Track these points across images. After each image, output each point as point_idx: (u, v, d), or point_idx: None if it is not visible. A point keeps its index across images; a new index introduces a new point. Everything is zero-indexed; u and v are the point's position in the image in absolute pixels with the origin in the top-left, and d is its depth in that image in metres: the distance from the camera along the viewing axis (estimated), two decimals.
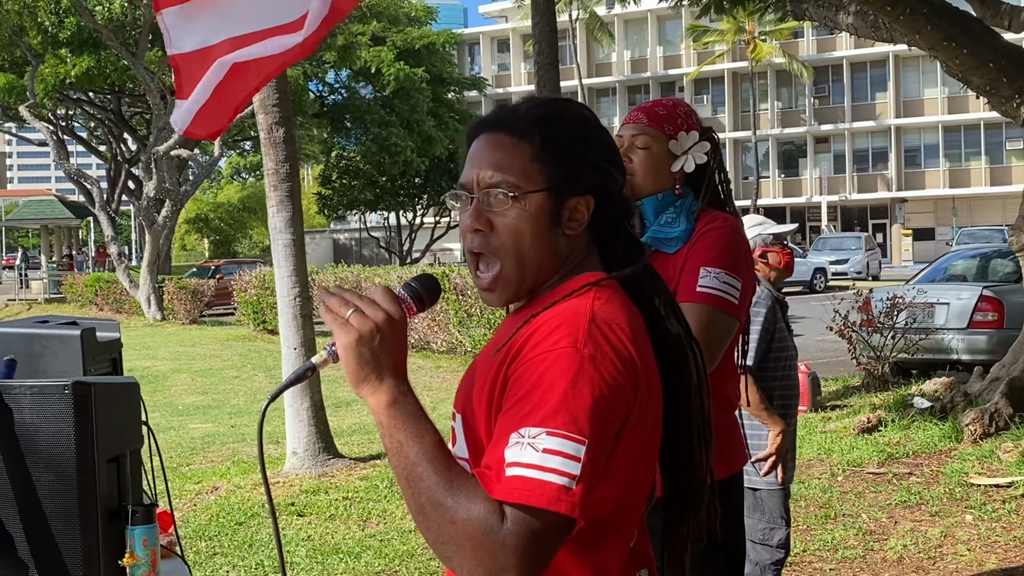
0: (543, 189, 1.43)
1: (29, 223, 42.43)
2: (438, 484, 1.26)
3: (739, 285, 2.34)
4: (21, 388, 2.49)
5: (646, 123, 2.48)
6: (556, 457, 1.24)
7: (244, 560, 5.26)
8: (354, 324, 1.33)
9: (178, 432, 9.29)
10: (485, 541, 1.22)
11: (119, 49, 23.08)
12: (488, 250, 1.45)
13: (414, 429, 1.30)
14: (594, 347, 1.30)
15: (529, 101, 1.49)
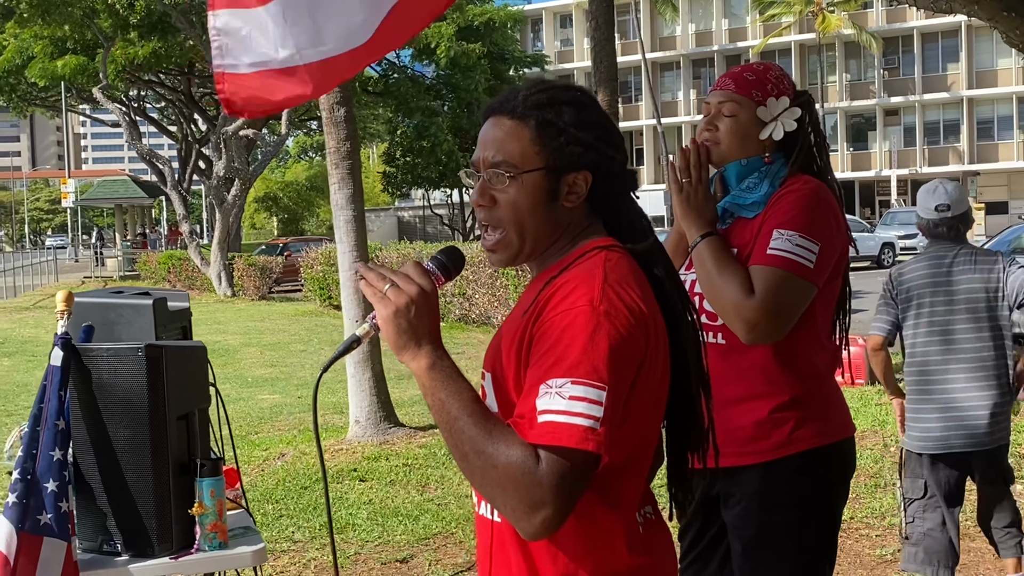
0: (539, 168, 1.57)
1: (104, 203, 43.65)
2: (478, 434, 1.41)
3: (816, 248, 2.26)
4: (99, 350, 2.70)
5: (733, 89, 2.42)
6: (581, 403, 1.39)
7: (308, 522, 5.51)
8: (391, 297, 1.48)
9: (247, 403, 9.63)
10: (524, 481, 1.37)
11: (188, 30, 23.59)
12: (491, 222, 1.62)
13: (453, 387, 1.45)
14: (608, 304, 1.46)
15: (530, 86, 1.63)
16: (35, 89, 32.43)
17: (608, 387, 1.41)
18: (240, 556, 2.75)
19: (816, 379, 2.38)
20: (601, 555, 1.51)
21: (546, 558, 1.52)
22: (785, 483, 2.31)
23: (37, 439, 2.62)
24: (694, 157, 2.42)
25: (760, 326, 2.23)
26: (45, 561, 2.54)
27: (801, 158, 2.42)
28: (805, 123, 2.43)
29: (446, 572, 4.73)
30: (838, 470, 2.39)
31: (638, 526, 1.58)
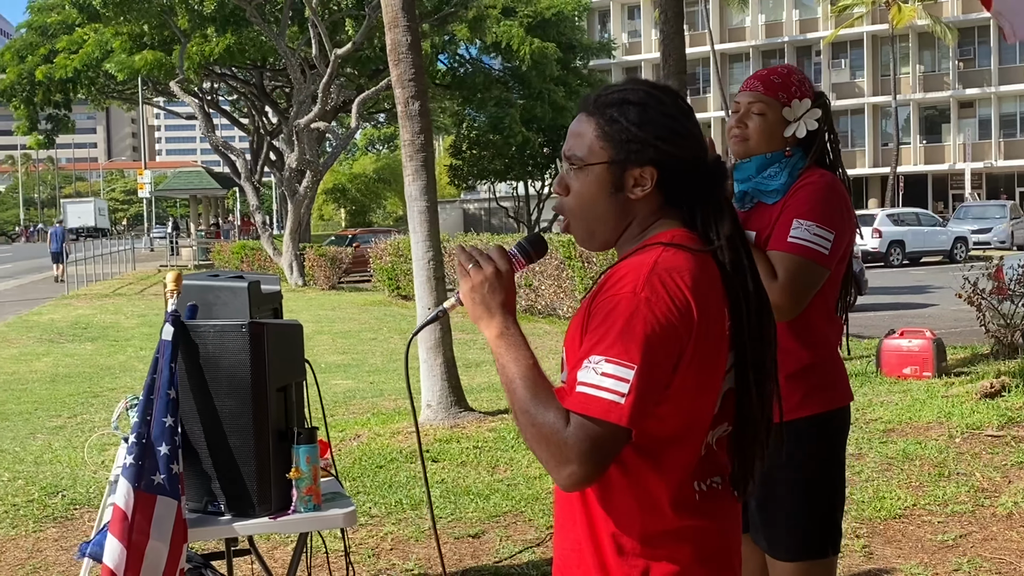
0: (603, 162, 1.74)
1: (178, 193, 44.67)
2: (526, 396, 1.63)
3: (831, 237, 2.55)
4: (206, 327, 2.95)
5: (761, 90, 2.69)
6: (610, 379, 1.58)
7: (384, 499, 5.74)
8: (471, 275, 1.73)
9: (321, 387, 9.90)
10: (554, 439, 1.58)
11: (262, 26, 24.11)
12: (560, 209, 1.83)
13: (515, 354, 1.67)
14: (650, 291, 1.61)
15: (608, 87, 1.80)
16: (112, 82, 33.40)
17: (637, 367, 1.57)
18: (332, 517, 2.97)
19: (826, 349, 2.68)
20: (649, 515, 1.69)
21: (602, 513, 1.71)
22: (794, 443, 2.54)
23: (151, 407, 2.86)
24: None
25: (782, 307, 2.51)
26: (159, 518, 2.79)
27: (817, 153, 2.70)
28: (823, 122, 2.71)
29: (516, 547, 4.92)
30: (840, 432, 2.71)
31: (694, 493, 1.73)
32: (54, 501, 5.93)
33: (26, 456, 7.14)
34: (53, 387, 10.43)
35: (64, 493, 6.07)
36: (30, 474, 6.56)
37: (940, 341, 8.52)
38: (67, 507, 5.81)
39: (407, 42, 7.16)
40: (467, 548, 4.98)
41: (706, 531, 1.72)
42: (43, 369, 11.74)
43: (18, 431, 8.16)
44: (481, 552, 4.92)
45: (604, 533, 1.70)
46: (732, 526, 1.82)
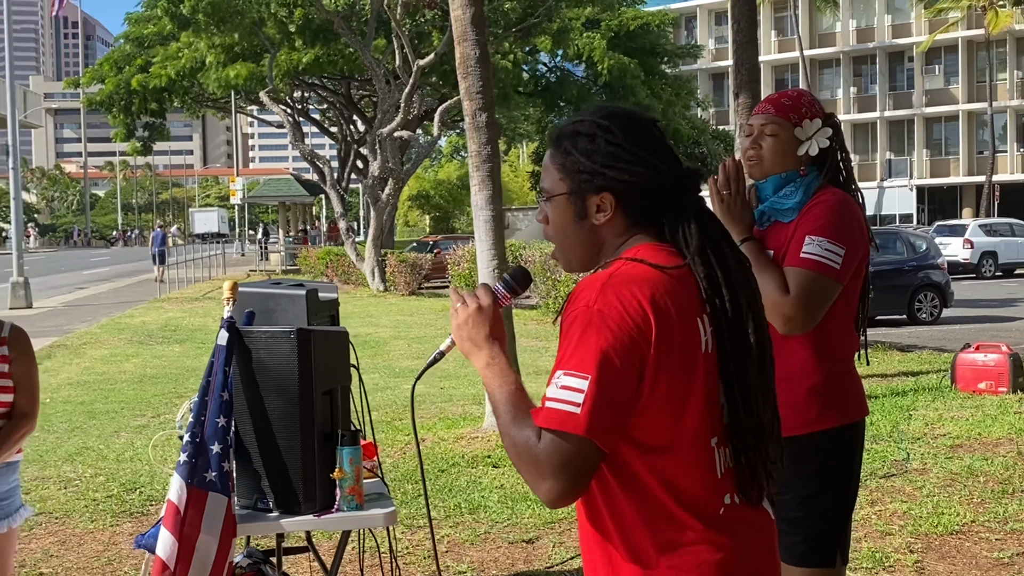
0: (564, 193, 1.83)
1: (268, 200, 45.74)
2: (508, 418, 1.71)
3: (842, 252, 2.63)
4: (258, 333, 3.12)
5: (773, 113, 2.82)
6: (566, 391, 1.65)
7: (444, 502, 5.88)
8: (458, 313, 1.87)
9: (393, 392, 10.15)
10: (528, 457, 1.66)
11: (349, 37, 24.64)
12: (546, 236, 1.95)
13: (499, 381, 1.76)
14: (603, 304, 1.67)
15: (566, 121, 1.90)
16: (207, 92, 34.47)
17: (591, 377, 1.63)
18: (374, 517, 3.11)
19: (843, 363, 2.74)
20: (663, 526, 1.73)
21: (613, 527, 1.76)
22: (809, 458, 2.63)
23: (205, 407, 3.04)
24: (732, 172, 2.81)
25: (794, 320, 2.62)
26: (210, 513, 2.96)
27: (831, 171, 2.80)
28: (834, 141, 2.81)
29: (568, 553, 5.00)
30: (856, 445, 2.75)
31: (718, 507, 1.76)
32: (132, 497, 6.21)
33: (109, 453, 7.48)
34: (140, 387, 10.86)
35: (142, 490, 6.36)
36: (111, 471, 6.88)
37: (1017, 356, 8.32)
38: (143, 503, 6.09)
39: (475, 55, 7.30)
40: (520, 553, 5.08)
41: (730, 545, 1.75)
42: (131, 370, 12.21)
43: (104, 429, 8.54)
44: (534, 557, 5.01)
45: (618, 548, 1.75)
46: (762, 542, 1.83)
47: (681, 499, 1.73)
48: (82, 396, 10.26)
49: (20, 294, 21.16)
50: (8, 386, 3.37)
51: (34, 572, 4.95)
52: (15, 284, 21.22)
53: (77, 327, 17.16)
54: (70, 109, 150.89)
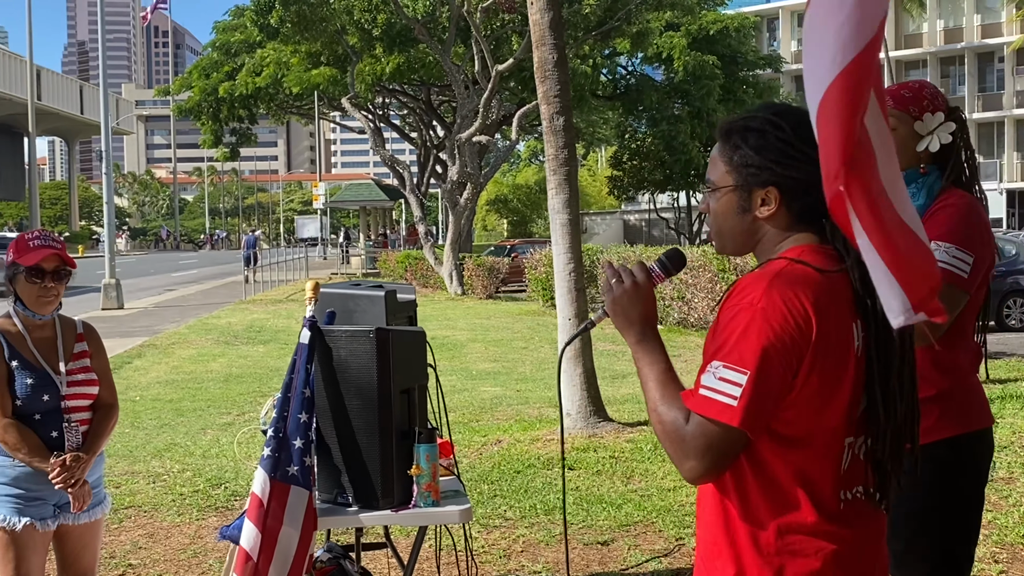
0: (730, 186, 1.91)
1: (350, 204, 46.50)
2: (657, 397, 1.82)
3: (970, 260, 2.50)
4: (339, 332, 3.20)
5: (892, 105, 2.64)
6: (725, 383, 1.72)
7: (520, 503, 5.93)
8: (614, 288, 1.93)
9: (470, 393, 10.25)
10: (675, 436, 1.76)
11: (430, 43, 24.93)
12: (708, 225, 2.03)
13: (650, 359, 1.86)
14: (768, 303, 1.73)
15: (736, 117, 1.95)
16: (291, 98, 35.18)
17: (751, 373, 1.70)
18: (449, 513, 3.17)
19: (961, 374, 2.61)
20: (787, 515, 1.79)
21: (738, 511, 1.82)
22: (927, 467, 2.47)
23: (288, 404, 3.14)
24: None
25: (922, 333, 2.41)
26: (292, 506, 3.05)
27: (955, 171, 2.62)
28: (958, 138, 2.63)
29: (643, 556, 5.01)
30: (978, 456, 2.61)
31: (838, 501, 1.82)
32: (217, 492, 6.40)
33: (196, 450, 7.71)
34: (226, 386, 11.14)
35: (227, 485, 6.54)
36: (198, 466, 7.08)
37: None
38: (228, 498, 6.26)
39: (553, 60, 7.35)
40: (595, 555, 5.09)
41: (847, 538, 1.81)
42: (218, 369, 12.54)
43: (191, 426, 8.79)
44: (609, 559, 5.02)
45: (740, 530, 1.82)
46: (875, 538, 1.89)
47: (808, 490, 1.79)
48: (170, 394, 10.57)
49: (112, 295, 21.89)
50: (94, 379, 3.51)
51: (123, 563, 5.13)
52: (107, 286, 21.95)
53: (166, 327, 17.67)
54: (160, 116, 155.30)
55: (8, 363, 3.33)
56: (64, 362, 3.43)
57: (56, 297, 3.42)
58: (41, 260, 3.33)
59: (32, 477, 3.31)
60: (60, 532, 3.46)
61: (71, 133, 77.98)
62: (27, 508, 3.32)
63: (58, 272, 3.38)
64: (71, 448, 3.36)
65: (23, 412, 3.32)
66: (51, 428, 3.34)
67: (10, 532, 3.29)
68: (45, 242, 3.40)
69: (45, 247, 3.37)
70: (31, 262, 3.32)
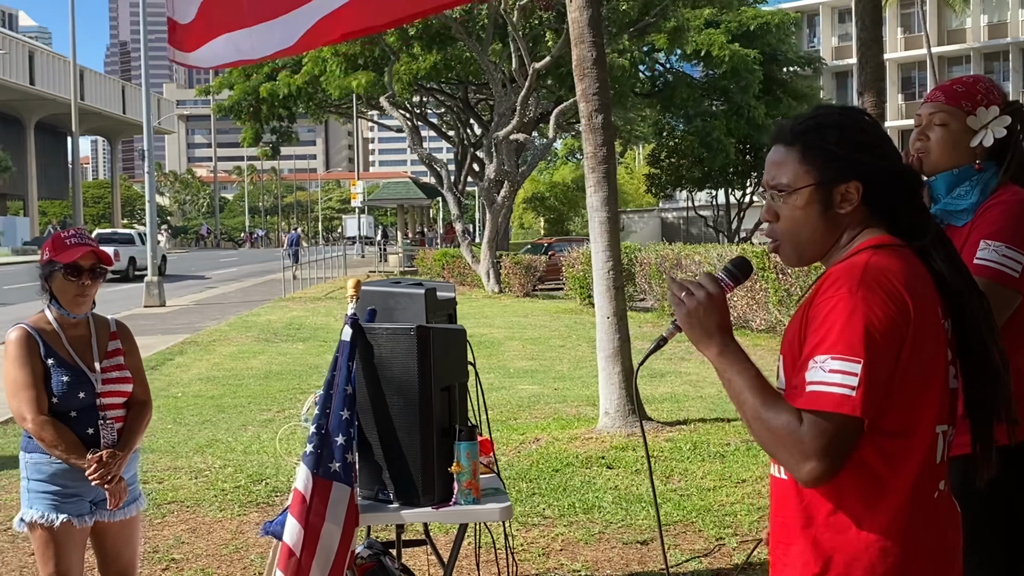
0: (810, 185, 1.89)
1: (387, 203, 46.76)
2: (757, 404, 1.78)
3: (1021, 258, 2.42)
4: (380, 330, 3.22)
5: (943, 101, 2.59)
6: (838, 375, 1.71)
7: (558, 501, 5.92)
8: (686, 302, 1.89)
9: (508, 391, 10.26)
10: (791, 439, 1.72)
11: (467, 41, 24.98)
12: (772, 235, 1.98)
13: (738, 368, 1.83)
14: (866, 290, 1.74)
15: (800, 117, 1.95)
16: (330, 98, 35.41)
17: (863, 360, 1.70)
18: (490, 511, 3.17)
19: (1018, 377, 2.47)
20: (876, 501, 1.79)
21: (824, 509, 1.80)
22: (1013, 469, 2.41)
23: (330, 400, 3.16)
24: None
25: None
26: (334, 502, 3.06)
27: (1013, 166, 2.53)
28: (1015, 131, 2.55)
29: (683, 556, 4.98)
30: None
31: (933, 491, 1.83)
32: (258, 488, 6.46)
33: (237, 446, 7.78)
34: (266, 383, 11.24)
35: (267, 481, 6.60)
36: (239, 462, 7.15)
37: None
38: (269, 494, 6.32)
39: (592, 57, 7.33)
40: (634, 554, 5.08)
41: (940, 533, 1.83)
42: (258, 366, 12.66)
43: (232, 423, 8.88)
44: (648, 559, 5.01)
45: (830, 527, 1.80)
46: (957, 533, 1.91)
47: (903, 481, 1.79)
48: (212, 391, 10.68)
49: (154, 293, 22.17)
50: (128, 376, 3.54)
51: (166, 558, 5.19)
52: (149, 283, 22.23)
53: (207, 325, 17.87)
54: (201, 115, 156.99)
55: (44, 361, 3.36)
56: (99, 360, 3.46)
57: (91, 295, 3.45)
58: (79, 258, 3.36)
59: (68, 474, 3.35)
60: (98, 529, 3.50)
61: (113, 132, 79.11)
62: (64, 505, 3.36)
63: (95, 270, 3.42)
64: (106, 445, 3.40)
65: (59, 409, 3.35)
66: (87, 425, 3.38)
67: (48, 528, 3.34)
68: (82, 240, 3.44)
69: (82, 245, 3.40)
70: (68, 259, 3.35)
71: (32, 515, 3.35)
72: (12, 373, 3.34)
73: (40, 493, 3.36)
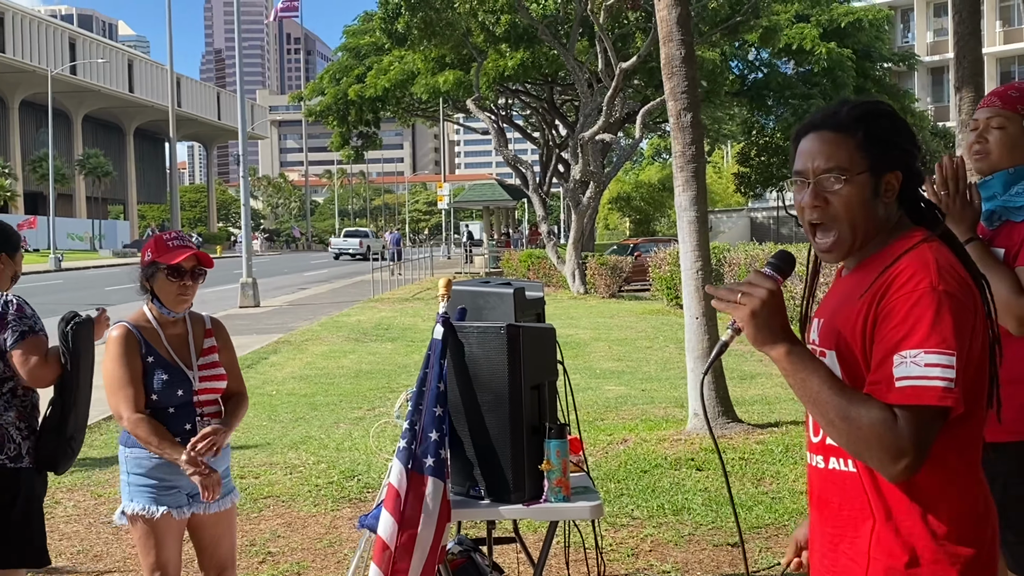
0: (865, 171, 1.88)
1: (473, 205, 47.03)
2: (841, 402, 1.73)
3: None
4: (470, 328, 3.26)
5: (999, 105, 2.71)
6: (936, 368, 1.69)
7: (647, 502, 5.90)
8: (745, 303, 1.81)
9: (595, 392, 10.24)
10: (888, 436, 1.69)
11: (552, 42, 25.01)
12: (826, 220, 1.92)
13: (811, 367, 1.77)
14: (946, 284, 1.75)
15: (845, 103, 1.94)
16: (417, 102, 35.84)
17: (956, 353, 1.71)
18: (580, 509, 3.18)
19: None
20: (955, 495, 1.79)
21: (904, 499, 1.79)
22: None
23: (423, 397, 3.20)
24: (950, 171, 2.67)
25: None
26: (428, 497, 3.11)
27: None
28: None
29: (774, 559, 4.91)
30: None
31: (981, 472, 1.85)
32: (350, 484, 6.58)
33: (330, 443, 7.94)
34: (356, 382, 11.44)
35: (359, 477, 6.71)
36: (332, 459, 7.30)
37: None
38: (361, 490, 6.43)
39: (681, 56, 7.28)
40: (725, 556, 5.03)
41: (992, 508, 1.85)
42: (348, 365, 12.88)
43: (324, 420, 9.06)
44: (738, 561, 4.95)
45: (908, 520, 1.79)
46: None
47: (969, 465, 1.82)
48: (304, 389, 10.91)
49: (249, 294, 22.74)
50: (222, 374, 3.65)
51: (263, 551, 5.33)
52: (244, 284, 22.81)
53: (300, 325, 18.25)
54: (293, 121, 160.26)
55: (145, 359, 3.48)
56: (196, 357, 3.57)
57: (192, 295, 3.56)
58: (182, 260, 3.48)
59: (165, 468, 3.45)
60: (194, 522, 3.61)
61: (209, 138, 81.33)
62: (162, 497, 3.47)
63: (195, 271, 3.53)
64: None
65: (158, 406, 3.46)
66: (184, 421, 3.49)
67: (149, 520, 3.45)
68: (183, 242, 3.57)
69: (184, 247, 3.53)
70: (172, 261, 3.47)
71: (133, 507, 3.47)
72: (111, 370, 3.46)
73: (139, 487, 3.47)
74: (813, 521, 1.98)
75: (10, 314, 3.54)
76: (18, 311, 3.56)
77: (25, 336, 3.53)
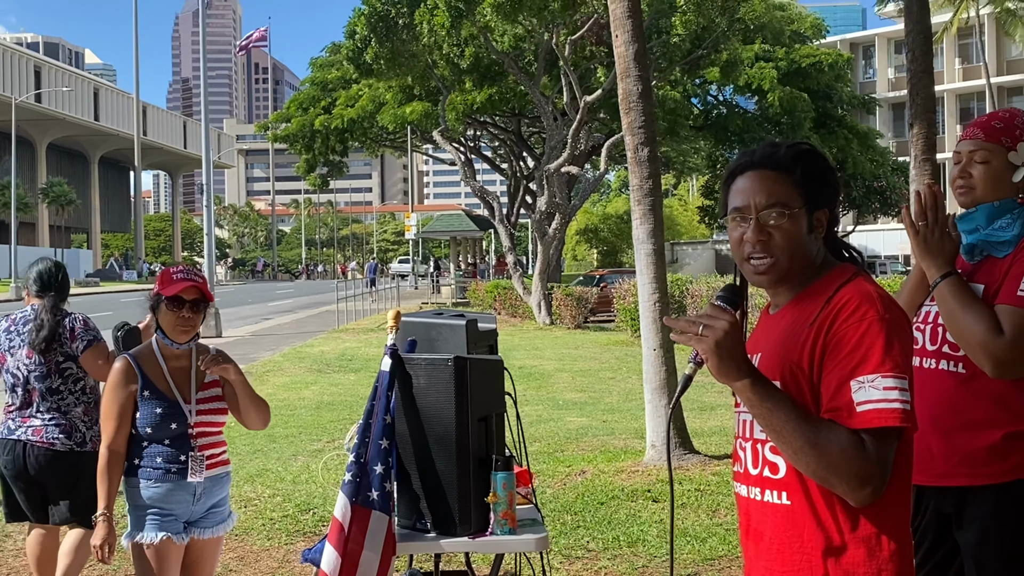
0: (802, 207, 1.97)
1: (440, 235, 47.06)
2: (808, 430, 1.77)
3: None
4: (418, 360, 3.27)
5: (983, 138, 2.59)
6: (895, 391, 1.77)
7: (603, 534, 5.90)
8: (709, 335, 1.82)
9: (556, 423, 10.24)
10: (858, 459, 1.74)
11: (518, 75, 25.20)
12: (767, 251, 1.97)
13: (776, 397, 1.81)
14: (892, 314, 1.84)
15: (778, 144, 2.03)
16: (385, 132, 35.93)
17: (908, 377, 1.80)
18: (526, 541, 3.19)
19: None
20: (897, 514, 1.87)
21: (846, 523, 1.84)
22: (1009, 507, 2.42)
23: (369, 430, 3.21)
24: (929, 201, 2.59)
25: (1009, 364, 2.41)
26: (372, 531, 3.11)
27: None
28: None
29: None
30: None
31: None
32: (305, 517, 6.52)
33: (287, 475, 7.87)
34: (317, 413, 11.36)
35: (315, 511, 6.66)
36: (288, 492, 7.24)
37: None
38: (316, 523, 6.38)
39: (638, 91, 7.38)
40: None
41: None
42: (310, 396, 12.80)
43: (282, 452, 8.99)
44: None
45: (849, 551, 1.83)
46: None
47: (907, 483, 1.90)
48: None
49: (211, 324, 22.56)
50: (223, 408, 3.78)
51: None
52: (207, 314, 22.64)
53: (262, 355, 18.12)
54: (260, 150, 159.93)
55: (140, 393, 3.60)
56: (195, 390, 3.69)
57: (194, 327, 3.69)
58: (181, 291, 3.62)
59: (164, 497, 3.59)
60: (187, 545, 3.71)
61: (175, 167, 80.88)
62: (164, 523, 3.59)
63: (196, 303, 3.67)
64: (195, 475, 3.61)
65: (153, 438, 3.60)
66: (179, 453, 3.61)
67: (150, 546, 3.57)
68: (187, 275, 3.72)
69: (186, 280, 3.67)
70: (172, 292, 3.62)
71: (135, 534, 3.59)
72: (104, 401, 3.66)
73: (140, 515, 3.60)
74: (748, 555, 2.01)
75: (78, 327, 4.47)
76: (84, 324, 4.50)
77: (91, 344, 4.46)
